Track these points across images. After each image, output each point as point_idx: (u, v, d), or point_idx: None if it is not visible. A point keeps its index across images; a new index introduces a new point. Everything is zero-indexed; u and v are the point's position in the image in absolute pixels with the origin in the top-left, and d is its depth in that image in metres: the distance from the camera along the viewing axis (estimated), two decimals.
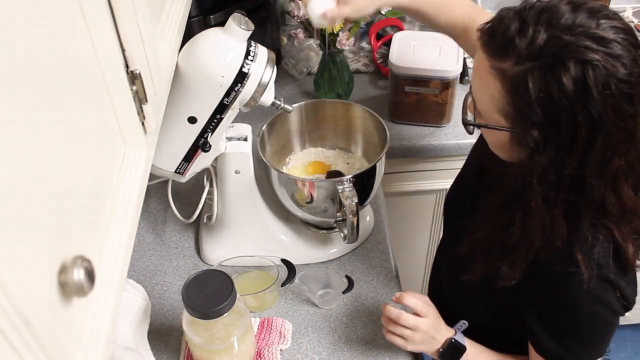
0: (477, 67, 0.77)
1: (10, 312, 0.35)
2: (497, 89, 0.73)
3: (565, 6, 0.69)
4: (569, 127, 0.69)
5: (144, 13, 0.64)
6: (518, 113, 0.72)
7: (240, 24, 0.91)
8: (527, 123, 0.71)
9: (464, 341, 0.94)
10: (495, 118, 0.76)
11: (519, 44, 0.69)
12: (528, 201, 0.75)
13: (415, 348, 0.96)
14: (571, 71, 0.66)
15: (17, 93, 0.39)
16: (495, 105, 0.74)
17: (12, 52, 0.39)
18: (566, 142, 0.70)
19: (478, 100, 0.78)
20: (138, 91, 0.64)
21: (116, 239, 0.56)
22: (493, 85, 0.73)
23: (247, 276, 1.18)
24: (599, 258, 0.78)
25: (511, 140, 0.77)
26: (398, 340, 0.95)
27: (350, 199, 1.04)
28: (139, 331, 1.06)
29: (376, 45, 1.70)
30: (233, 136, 1.10)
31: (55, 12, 0.47)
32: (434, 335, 0.94)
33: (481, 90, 0.77)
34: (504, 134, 0.77)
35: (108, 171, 0.59)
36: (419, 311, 0.94)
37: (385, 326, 0.97)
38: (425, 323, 0.93)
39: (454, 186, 1.15)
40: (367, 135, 1.27)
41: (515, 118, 0.73)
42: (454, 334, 0.95)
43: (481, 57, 0.75)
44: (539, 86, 0.68)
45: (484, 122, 0.80)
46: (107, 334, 0.50)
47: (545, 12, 0.69)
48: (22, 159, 0.39)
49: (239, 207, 1.16)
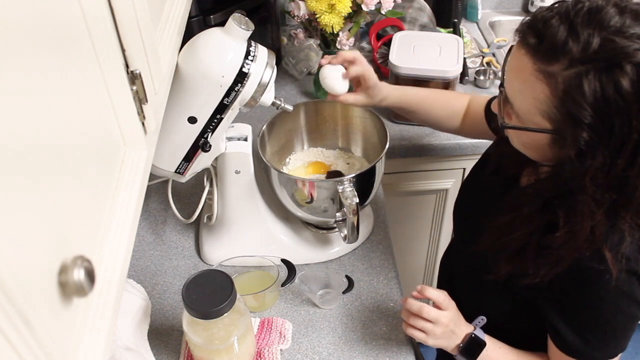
0: (517, 70, 0.76)
1: (10, 312, 0.35)
2: (544, 92, 0.72)
3: (612, 9, 0.69)
4: (622, 129, 0.69)
5: (144, 13, 0.64)
6: (567, 116, 0.72)
7: (240, 24, 0.91)
8: (577, 126, 0.71)
9: (483, 337, 0.94)
10: (537, 120, 0.76)
11: (572, 47, 0.69)
12: (576, 203, 0.75)
13: (435, 343, 0.95)
14: (629, 73, 0.67)
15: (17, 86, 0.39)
16: (539, 108, 0.74)
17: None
18: (618, 143, 0.70)
19: (518, 103, 0.78)
20: (138, 91, 0.64)
21: (116, 239, 0.56)
22: (539, 88, 0.73)
23: (247, 276, 1.18)
24: (627, 252, 0.78)
25: (551, 142, 0.77)
26: (419, 334, 0.94)
27: (350, 199, 1.04)
28: (139, 331, 1.06)
29: (376, 45, 1.70)
30: (233, 136, 1.10)
31: (56, 12, 0.47)
32: (454, 329, 0.93)
33: (523, 93, 0.76)
34: (543, 136, 0.77)
35: (108, 171, 0.59)
36: (440, 303, 0.93)
37: (406, 320, 0.96)
38: (447, 316, 0.92)
39: (467, 184, 1.15)
40: (367, 135, 1.27)
41: (562, 120, 0.73)
42: (473, 330, 0.94)
43: (523, 60, 0.74)
44: (595, 89, 0.68)
45: (521, 125, 0.79)
46: (107, 334, 0.50)
47: (594, 15, 0.69)
48: (21, 158, 0.39)
49: (239, 207, 1.16)
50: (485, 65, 1.71)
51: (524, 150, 0.85)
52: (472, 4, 1.92)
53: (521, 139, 0.83)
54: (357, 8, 1.34)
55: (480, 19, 1.95)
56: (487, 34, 1.88)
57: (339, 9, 1.30)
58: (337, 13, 1.31)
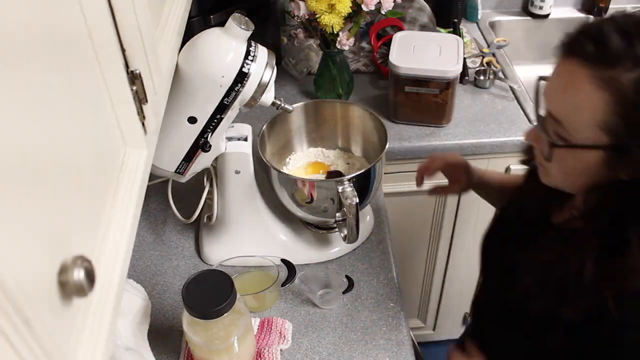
0: (569, 84, 0.72)
1: (10, 312, 0.35)
2: (606, 101, 0.68)
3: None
4: None
5: (144, 13, 0.64)
6: (633, 123, 0.68)
7: (240, 24, 0.91)
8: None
9: None
10: (591, 135, 0.71)
11: (636, 48, 0.67)
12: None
13: None
14: None
15: (17, 86, 0.39)
16: (597, 119, 0.70)
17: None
18: None
19: (571, 118, 0.72)
20: (138, 91, 0.64)
21: (116, 239, 0.56)
22: (598, 97, 0.69)
23: (247, 276, 1.18)
24: None
25: (606, 158, 0.72)
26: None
27: (350, 199, 1.04)
28: (139, 331, 1.06)
29: (376, 45, 1.70)
30: (233, 136, 1.10)
31: (56, 13, 0.47)
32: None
33: (579, 106, 0.71)
34: (595, 154, 0.72)
35: (108, 171, 0.59)
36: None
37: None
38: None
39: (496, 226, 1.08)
40: (367, 135, 1.27)
41: (626, 129, 0.69)
42: None
43: (576, 72, 0.71)
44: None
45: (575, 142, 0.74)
46: (107, 334, 0.50)
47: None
48: (21, 158, 0.39)
49: (239, 207, 1.16)
50: (485, 65, 1.71)
51: (565, 180, 0.80)
52: (472, 4, 1.92)
53: (567, 163, 0.77)
54: (357, 8, 1.34)
55: (480, 19, 1.95)
56: (487, 34, 1.88)
57: (339, 9, 1.30)
58: (337, 13, 1.31)
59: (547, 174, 0.83)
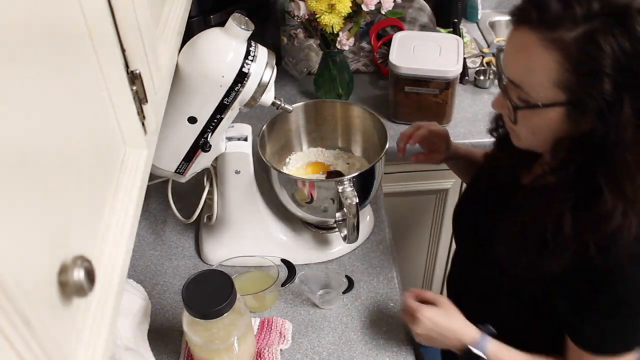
0: (522, 49, 0.77)
1: (10, 312, 0.35)
2: (555, 60, 0.74)
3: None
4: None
5: (144, 13, 0.64)
6: (584, 76, 0.73)
7: (240, 24, 0.91)
8: (597, 82, 0.72)
9: (483, 348, 0.92)
10: (549, 94, 0.77)
11: (577, 10, 0.72)
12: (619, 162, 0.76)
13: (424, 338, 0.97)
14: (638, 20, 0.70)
15: (17, 89, 0.39)
16: (552, 78, 0.75)
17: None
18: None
19: (528, 81, 0.78)
20: (138, 91, 0.64)
21: (116, 239, 0.56)
22: (549, 57, 0.74)
23: (247, 276, 1.18)
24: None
25: (567, 115, 0.78)
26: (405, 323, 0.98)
27: (350, 199, 1.04)
28: (139, 331, 1.06)
29: (376, 45, 1.70)
30: (233, 136, 1.10)
31: (56, 13, 0.47)
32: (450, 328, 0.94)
33: (533, 69, 0.77)
34: (557, 111, 0.78)
35: (108, 171, 0.59)
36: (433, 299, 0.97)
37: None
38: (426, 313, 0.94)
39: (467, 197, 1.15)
40: (367, 135, 1.27)
41: (579, 84, 0.74)
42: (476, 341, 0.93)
43: (526, 38, 0.76)
44: (609, 40, 0.70)
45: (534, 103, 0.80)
46: (107, 334, 0.50)
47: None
48: (21, 158, 0.39)
49: (239, 207, 1.16)
50: (485, 65, 1.71)
51: (533, 139, 0.85)
52: (472, 4, 1.92)
53: (532, 124, 0.82)
54: (357, 8, 1.34)
55: (480, 19, 1.95)
56: (487, 34, 1.88)
57: (339, 9, 1.30)
58: (337, 13, 1.31)
59: (517, 137, 0.88)
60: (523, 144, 0.88)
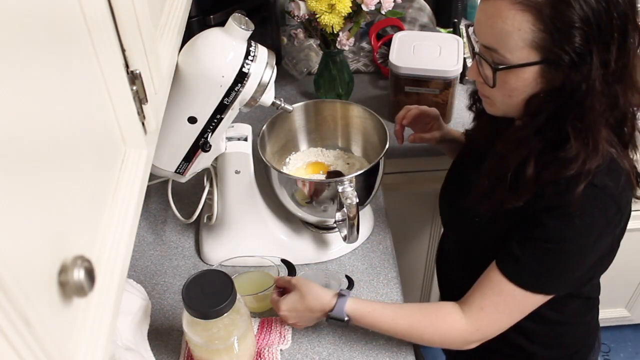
0: (494, 15, 0.81)
1: (10, 312, 0.35)
2: (527, 20, 0.78)
3: None
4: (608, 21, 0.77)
5: (144, 13, 0.64)
6: (556, 30, 0.78)
7: (240, 24, 0.91)
8: (568, 35, 0.78)
9: (342, 312, 0.99)
10: (524, 54, 0.81)
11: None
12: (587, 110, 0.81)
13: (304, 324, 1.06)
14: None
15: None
16: (525, 39, 0.80)
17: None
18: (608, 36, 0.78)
19: (502, 44, 0.82)
20: (138, 91, 0.64)
21: (116, 239, 0.56)
22: (520, 19, 0.79)
23: (247, 276, 1.18)
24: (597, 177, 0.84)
25: (542, 72, 0.82)
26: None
27: (350, 199, 1.04)
28: (139, 331, 1.06)
29: (376, 45, 1.70)
30: (233, 136, 1.10)
31: (55, 12, 0.47)
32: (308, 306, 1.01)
33: (507, 32, 0.81)
34: (532, 69, 0.82)
35: (108, 171, 0.59)
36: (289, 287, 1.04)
37: None
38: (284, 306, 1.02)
39: (449, 175, 1.20)
40: (367, 135, 1.27)
41: (551, 40, 0.79)
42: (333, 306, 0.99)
43: (497, 4, 0.81)
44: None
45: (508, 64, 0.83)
46: (107, 334, 0.50)
47: None
48: (21, 157, 0.39)
49: (239, 207, 1.17)
50: None
51: (509, 102, 0.89)
52: (472, 4, 1.92)
53: (509, 86, 0.86)
54: (357, 8, 1.34)
55: None
56: None
57: (339, 9, 1.30)
58: (337, 13, 1.31)
59: (492, 104, 0.93)
60: (498, 110, 0.93)
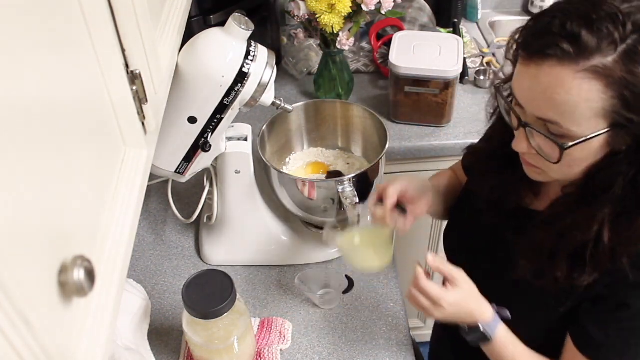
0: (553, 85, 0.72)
1: (10, 312, 0.35)
2: (596, 89, 0.70)
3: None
4: None
5: (144, 13, 0.64)
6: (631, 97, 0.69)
7: (240, 24, 0.91)
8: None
9: (494, 330, 0.89)
10: (592, 125, 0.72)
11: (614, 34, 0.68)
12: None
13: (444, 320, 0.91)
14: None
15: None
16: (593, 109, 0.71)
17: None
18: None
19: (566, 117, 0.73)
20: (138, 91, 0.64)
21: (116, 239, 0.56)
22: (588, 88, 0.70)
23: (355, 234, 1.05)
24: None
25: (607, 138, 0.74)
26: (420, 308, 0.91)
27: (350, 199, 1.04)
28: (139, 331, 1.06)
29: (376, 45, 1.70)
30: (233, 136, 1.10)
31: (55, 12, 0.47)
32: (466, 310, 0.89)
33: (570, 104, 0.71)
34: (598, 139, 0.74)
35: (108, 171, 0.59)
36: (452, 280, 0.88)
37: (411, 289, 0.91)
38: (452, 297, 0.87)
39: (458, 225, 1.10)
40: (367, 135, 1.27)
41: (622, 106, 0.70)
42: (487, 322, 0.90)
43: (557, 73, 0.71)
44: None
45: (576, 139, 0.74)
46: (107, 334, 0.50)
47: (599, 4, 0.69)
48: (21, 158, 0.39)
49: (239, 207, 1.16)
50: (485, 65, 1.71)
51: (568, 172, 0.80)
52: (472, 4, 1.92)
53: (572, 157, 0.77)
54: (357, 8, 1.34)
55: (480, 19, 1.95)
56: (487, 34, 1.88)
57: (339, 9, 1.30)
58: (337, 13, 1.31)
59: (542, 173, 0.83)
60: (548, 178, 0.84)
